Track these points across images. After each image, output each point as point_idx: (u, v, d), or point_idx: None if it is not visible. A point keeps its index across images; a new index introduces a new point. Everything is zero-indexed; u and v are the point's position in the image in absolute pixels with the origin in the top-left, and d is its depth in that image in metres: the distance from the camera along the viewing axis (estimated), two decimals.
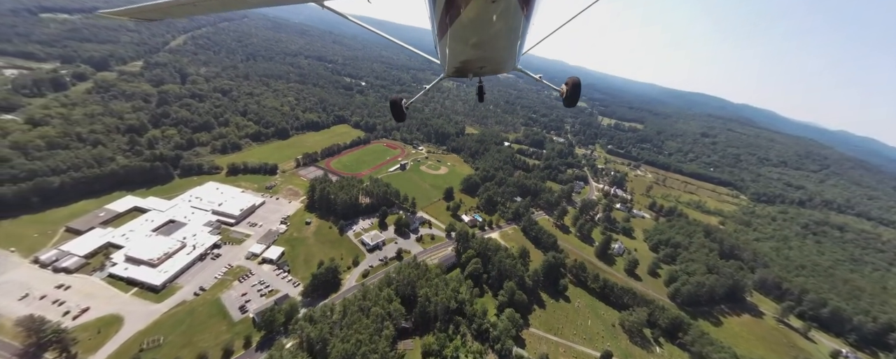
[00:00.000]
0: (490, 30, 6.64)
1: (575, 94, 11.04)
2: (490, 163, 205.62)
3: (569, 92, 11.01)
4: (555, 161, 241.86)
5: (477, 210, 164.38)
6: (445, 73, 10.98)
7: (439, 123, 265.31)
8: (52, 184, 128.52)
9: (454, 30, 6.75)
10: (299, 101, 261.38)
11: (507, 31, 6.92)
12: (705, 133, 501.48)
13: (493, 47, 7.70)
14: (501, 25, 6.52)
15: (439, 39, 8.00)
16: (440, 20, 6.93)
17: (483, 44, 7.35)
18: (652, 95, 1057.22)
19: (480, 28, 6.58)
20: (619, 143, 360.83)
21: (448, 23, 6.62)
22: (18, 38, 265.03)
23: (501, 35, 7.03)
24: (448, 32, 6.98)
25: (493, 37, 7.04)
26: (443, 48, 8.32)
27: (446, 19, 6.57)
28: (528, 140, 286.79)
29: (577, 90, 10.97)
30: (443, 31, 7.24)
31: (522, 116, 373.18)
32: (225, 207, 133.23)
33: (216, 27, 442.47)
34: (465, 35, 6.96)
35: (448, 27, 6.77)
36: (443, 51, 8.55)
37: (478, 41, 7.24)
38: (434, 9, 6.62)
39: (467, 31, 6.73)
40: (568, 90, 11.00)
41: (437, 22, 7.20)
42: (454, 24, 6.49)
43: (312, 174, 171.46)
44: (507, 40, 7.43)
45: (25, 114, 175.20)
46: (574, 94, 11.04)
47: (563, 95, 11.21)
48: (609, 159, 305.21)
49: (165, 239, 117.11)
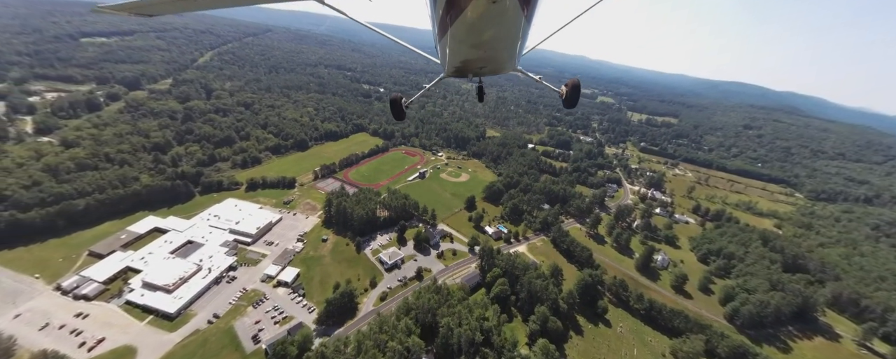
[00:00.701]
0: (490, 30, 6.65)
1: (574, 95, 10.79)
2: (513, 168, 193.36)
3: (568, 93, 10.77)
4: (583, 163, 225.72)
5: (501, 220, 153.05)
6: (445, 74, 11.05)
7: (459, 127, 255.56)
8: (77, 207, 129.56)
9: (454, 30, 6.74)
10: (318, 111, 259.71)
11: (508, 32, 6.88)
12: (748, 125, 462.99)
13: (494, 48, 7.68)
14: (502, 26, 6.53)
15: (439, 39, 8.09)
16: (441, 20, 6.93)
17: (483, 44, 7.34)
18: (684, 86, 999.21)
19: (481, 28, 6.55)
20: (652, 139, 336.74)
21: (448, 23, 6.61)
22: (60, 62, 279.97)
23: (502, 36, 7.02)
24: (448, 32, 7.00)
25: (493, 37, 7.02)
26: (443, 48, 8.41)
27: (447, 19, 6.57)
28: (553, 141, 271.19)
29: (576, 91, 10.76)
30: (443, 32, 7.28)
31: (546, 115, 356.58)
32: (242, 226, 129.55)
33: (241, 42, 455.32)
34: (466, 35, 6.94)
35: (448, 27, 6.77)
36: (443, 51, 8.65)
37: (478, 41, 7.22)
38: (434, 9, 6.69)
39: (468, 31, 6.69)
40: (568, 91, 10.76)
41: (438, 22, 7.21)
42: (454, 24, 6.46)
43: (330, 186, 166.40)
44: (507, 41, 7.41)
45: (61, 136, 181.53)
46: (574, 95, 10.79)
47: (562, 96, 10.93)
48: (643, 158, 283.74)
49: (182, 262, 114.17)
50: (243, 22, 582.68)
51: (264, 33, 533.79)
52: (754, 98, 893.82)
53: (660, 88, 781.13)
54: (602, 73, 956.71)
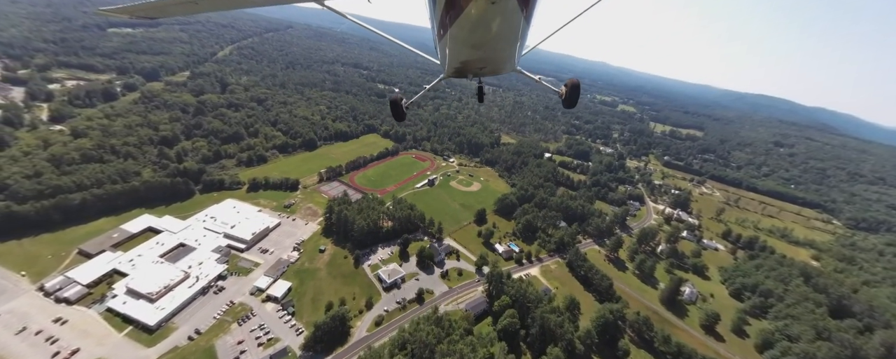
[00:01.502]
0: (490, 31, 6.59)
1: (574, 95, 10.76)
2: (528, 179, 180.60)
3: (568, 93, 10.76)
4: (603, 176, 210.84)
5: (513, 238, 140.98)
6: (445, 74, 10.97)
7: (473, 132, 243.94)
8: (73, 201, 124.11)
9: (454, 30, 6.69)
10: (331, 109, 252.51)
11: (507, 33, 6.85)
12: (779, 142, 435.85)
13: (493, 48, 7.62)
14: (501, 26, 6.49)
15: (439, 40, 8.01)
16: (440, 21, 6.92)
17: (483, 45, 7.31)
18: (708, 97, 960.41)
19: (480, 29, 6.51)
20: (676, 153, 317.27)
21: (448, 23, 6.57)
22: (84, 51, 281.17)
23: (501, 36, 6.96)
24: (448, 33, 6.94)
25: (493, 38, 6.94)
26: (443, 49, 8.36)
27: (446, 20, 6.53)
28: (571, 151, 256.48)
29: (576, 92, 10.72)
30: (443, 32, 7.23)
31: (564, 123, 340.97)
32: (237, 231, 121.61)
33: (262, 37, 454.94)
34: (466, 36, 6.88)
35: (448, 28, 6.73)
36: (443, 51, 8.59)
37: (478, 42, 7.18)
38: (434, 9, 6.65)
39: (467, 31, 6.64)
40: (567, 92, 10.75)
41: (438, 22, 7.21)
42: (454, 24, 6.41)
43: (335, 190, 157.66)
44: (507, 41, 7.35)
45: (72, 125, 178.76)
46: (573, 95, 10.76)
47: (562, 96, 10.90)
48: (667, 173, 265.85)
49: (170, 268, 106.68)
50: (265, 18, 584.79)
51: (285, 29, 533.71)
52: (783, 113, 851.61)
53: (683, 99, 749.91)
54: (623, 80, 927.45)
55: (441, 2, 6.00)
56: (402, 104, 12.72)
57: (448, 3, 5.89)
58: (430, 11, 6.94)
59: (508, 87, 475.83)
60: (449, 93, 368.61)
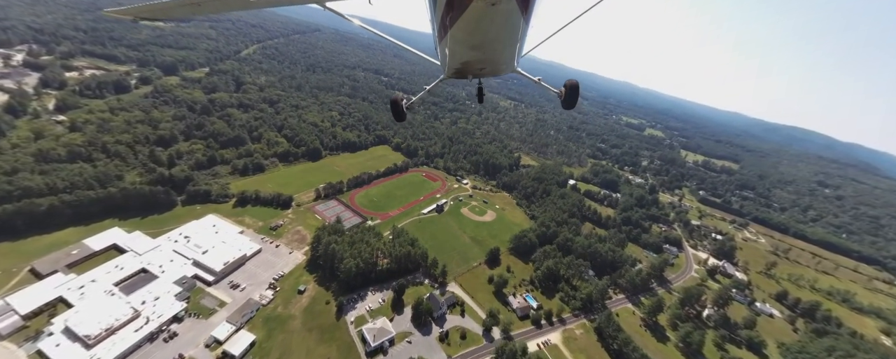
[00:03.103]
0: (490, 32, 6.57)
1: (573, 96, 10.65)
2: (551, 213, 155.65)
3: (567, 94, 10.67)
4: (635, 213, 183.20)
5: (530, 288, 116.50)
6: (445, 75, 10.93)
7: (490, 151, 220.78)
8: (39, 207, 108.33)
9: (454, 32, 6.64)
10: (343, 116, 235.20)
11: (507, 33, 6.79)
12: (822, 182, 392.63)
13: (493, 49, 7.58)
14: (501, 27, 6.46)
15: (440, 41, 7.97)
16: (440, 22, 6.88)
17: (483, 45, 7.25)
18: (739, 126, 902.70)
19: (480, 30, 6.49)
20: (713, 188, 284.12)
21: (448, 24, 6.51)
22: (111, 41, 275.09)
23: (501, 37, 6.93)
24: (448, 34, 6.89)
25: (493, 39, 6.93)
26: (443, 50, 8.32)
27: (446, 21, 6.48)
28: (597, 179, 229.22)
29: (575, 92, 10.62)
30: (443, 33, 7.17)
31: (589, 145, 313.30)
32: (209, 258, 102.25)
33: (288, 39, 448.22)
34: (466, 37, 6.85)
35: (448, 29, 6.68)
36: (443, 52, 8.54)
37: (478, 43, 7.13)
38: (434, 11, 6.63)
39: (467, 33, 6.61)
40: (566, 92, 10.68)
41: (438, 24, 7.14)
42: (454, 25, 6.36)
43: (331, 211, 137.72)
44: (506, 42, 7.29)
45: (72, 116, 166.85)
46: (572, 96, 10.65)
47: (561, 97, 10.82)
48: (704, 212, 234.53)
49: (121, 302, 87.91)
50: (294, 20, 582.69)
51: (312, 32, 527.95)
52: (819, 148, 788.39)
53: (714, 126, 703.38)
54: (650, 102, 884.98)
55: (441, 3, 5.94)
56: (402, 104, 12.89)
57: (448, 5, 5.83)
58: (431, 13, 6.93)
59: (531, 103, 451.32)
60: (469, 106, 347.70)
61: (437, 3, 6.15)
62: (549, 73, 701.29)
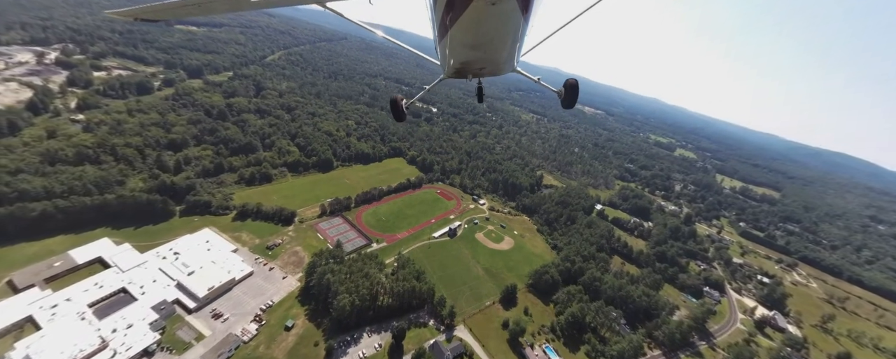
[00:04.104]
0: (490, 31, 6.56)
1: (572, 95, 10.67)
2: (576, 245, 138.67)
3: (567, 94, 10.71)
4: (669, 248, 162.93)
5: (551, 337, 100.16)
6: (445, 75, 10.86)
7: (510, 169, 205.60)
8: (32, 212, 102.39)
9: (454, 31, 6.64)
10: (360, 125, 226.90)
11: (507, 33, 6.78)
12: (875, 217, 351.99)
13: (493, 49, 7.50)
14: (501, 27, 6.44)
15: (439, 41, 8.00)
16: (440, 22, 6.88)
17: (483, 45, 7.22)
18: (776, 149, 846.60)
19: (480, 30, 6.45)
20: (754, 219, 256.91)
21: (448, 24, 6.51)
22: (143, 43, 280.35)
23: (501, 37, 6.92)
24: (448, 34, 6.90)
25: (492, 38, 6.90)
26: (443, 49, 8.33)
27: (446, 21, 6.48)
28: (627, 204, 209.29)
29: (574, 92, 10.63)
30: (443, 33, 7.19)
31: (616, 165, 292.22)
32: (194, 280, 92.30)
33: (314, 46, 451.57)
34: (465, 37, 6.85)
35: (448, 29, 6.68)
36: (443, 52, 8.57)
37: (478, 43, 7.11)
38: (434, 11, 6.66)
39: (467, 32, 6.59)
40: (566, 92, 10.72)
41: (438, 24, 7.18)
42: (454, 25, 6.35)
43: (335, 230, 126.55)
44: (506, 42, 7.25)
45: (89, 116, 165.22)
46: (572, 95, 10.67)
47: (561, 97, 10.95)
48: (746, 247, 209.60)
49: (91, 329, 78.60)
50: (322, 28, 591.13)
51: (339, 40, 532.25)
52: (866, 176, 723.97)
53: (749, 148, 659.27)
54: (679, 120, 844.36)
55: (441, 3, 5.97)
56: (401, 104, 12.92)
57: (448, 5, 5.85)
58: (431, 13, 6.95)
59: (554, 117, 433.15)
60: (489, 118, 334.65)
61: (437, 4, 6.18)
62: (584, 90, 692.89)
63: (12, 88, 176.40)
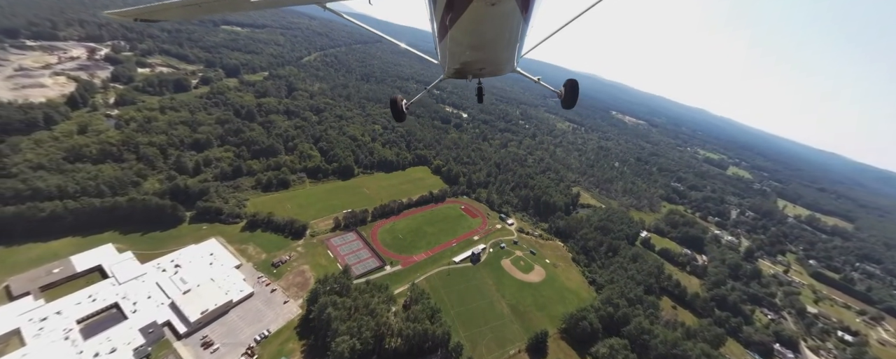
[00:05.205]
0: (490, 32, 6.50)
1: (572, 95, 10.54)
2: (621, 284, 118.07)
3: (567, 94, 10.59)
4: (730, 290, 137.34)
5: None
6: (445, 75, 10.85)
7: (544, 185, 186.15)
8: (41, 212, 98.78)
9: (454, 32, 6.58)
10: (386, 130, 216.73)
11: (507, 34, 6.70)
12: None
13: (493, 49, 7.47)
14: (501, 28, 6.39)
15: (439, 41, 7.89)
16: (440, 22, 6.79)
17: (483, 46, 7.18)
18: (840, 170, 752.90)
19: (480, 30, 6.42)
20: (826, 256, 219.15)
21: (448, 25, 6.45)
22: (188, 42, 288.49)
23: (501, 37, 6.84)
24: (448, 34, 6.82)
25: (492, 39, 6.83)
26: (443, 50, 8.24)
27: (446, 21, 6.40)
28: (676, 232, 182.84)
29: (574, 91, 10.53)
30: (443, 33, 7.08)
31: (662, 184, 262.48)
32: (188, 301, 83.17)
33: (349, 48, 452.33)
34: (466, 37, 6.78)
35: (448, 29, 6.61)
36: (443, 52, 8.48)
37: (478, 43, 7.06)
38: (434, 11, 6.56)
39: (467, 33, 6.55)
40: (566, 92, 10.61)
41: (438, 24, 7.07)
42: (454, 26, 6.29)
43: (347, 246, 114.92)
44: (506, 43, 7.17)
45: (122, 112, 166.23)
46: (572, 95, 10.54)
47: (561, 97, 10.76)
48: (820, 293, 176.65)
49: (73, 351, 70.88)
50: (359, 31, 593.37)
51: (375, 42, 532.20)
52: None
53: (810, 169, 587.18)
54: (729, 133, 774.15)
55: (441, 3, 5.89)
56: (401, 104, 12.60)
57: (448, 5, 5.76)
58: (431, 13, 6.86)
59: (592, 127, 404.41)
60: (522, 126, 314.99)
61: (436, 4, 6.08)
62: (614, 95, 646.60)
63: (60, 82, 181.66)
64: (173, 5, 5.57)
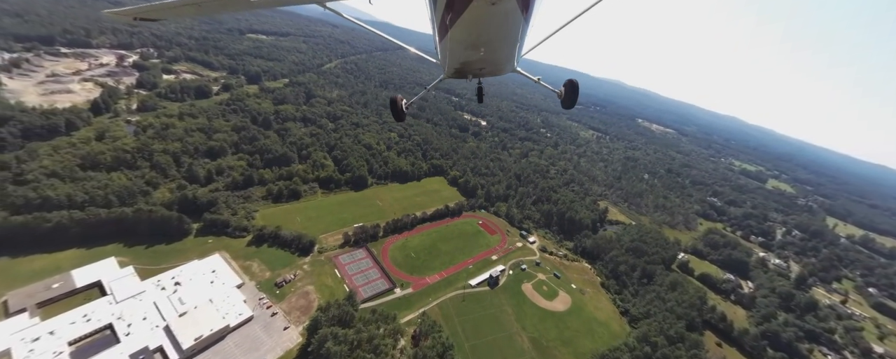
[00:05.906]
0: (490, 32, 6.50)
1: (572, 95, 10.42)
2: (659, 319, 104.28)
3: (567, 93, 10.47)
4: (785, 328, 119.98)
5: None
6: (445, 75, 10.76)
7: (568, 199, 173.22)
8: (47, 223, 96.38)
9: (454, 32, 6.56)
10: (402, 138, 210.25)
11: (507, 34, 6.69)
12: None
13: (493, 49, 7.42)
14: (501, 27, 6.38)
15: (440, 41, 7.85)
16: (441, 22, 6.77)
17: (483, 45, 7.14)
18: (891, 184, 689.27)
19: (480, 30, 6.43)
20: (887, 284, 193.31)
21: (448, 25, 6.43)
22: (214, 50, 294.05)
23: (501, 37, 6.84)
24: (448, 34, 6.80)
25: (493, 39, 6.83)
26: (443, 49, 8.18)
27: (446, 21, 6.39)
28: (717, 254, 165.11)
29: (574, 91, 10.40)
30: (443, 33, 7.06)
31: (697, 199, 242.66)
32: (182, 326, 77.12)
33: (370, 55, 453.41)
34: (466, 37, 6.77)
35: (448, 29, 6.58)
36: (443, 52, 8.43)
37: (478, 43, 7.02)
38: (435, 11, 6.53)
39: (467, 32, 6.54)
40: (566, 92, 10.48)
41: (438, 24, 7.03)
42: (454, 26, 6.29)
43: (356, 264, 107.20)
44: (506, 42, 7.17)
45: (142, 118, 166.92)
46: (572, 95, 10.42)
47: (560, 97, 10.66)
48: (883, 326, 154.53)
49: None
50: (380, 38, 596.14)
51: (395, 50, 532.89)
52: None
53: (857, 182, 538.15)
54: (764, 142, 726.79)
55: (441, 3, 5.84)
56: (401, 104, 12.49)
57: (448, 5, 5.73)
58: (431, 13, 6.79)
59: (617, 135, 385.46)
60: (543, 135, 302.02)
61: (436, 4, 6.05)
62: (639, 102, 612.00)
63: (87, 88, 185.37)
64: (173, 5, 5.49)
